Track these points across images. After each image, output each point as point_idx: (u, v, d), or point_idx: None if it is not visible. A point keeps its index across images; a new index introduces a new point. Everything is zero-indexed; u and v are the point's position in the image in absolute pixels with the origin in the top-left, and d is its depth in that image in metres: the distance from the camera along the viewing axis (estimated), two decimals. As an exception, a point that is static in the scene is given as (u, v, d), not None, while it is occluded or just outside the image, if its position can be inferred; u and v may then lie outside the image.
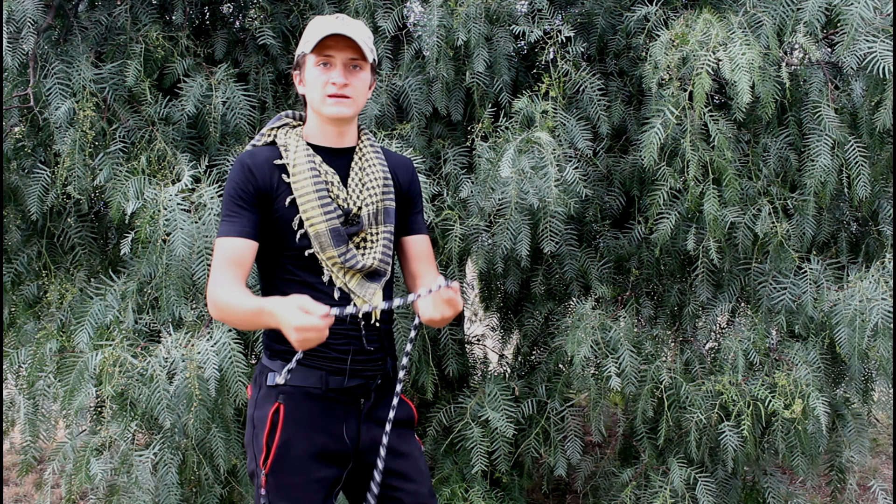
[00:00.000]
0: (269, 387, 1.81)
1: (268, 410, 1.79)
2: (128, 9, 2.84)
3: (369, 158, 1.87)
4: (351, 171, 1.84)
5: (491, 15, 2.82)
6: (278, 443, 1.77)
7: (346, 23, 1.77)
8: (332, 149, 1.85)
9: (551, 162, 2.54)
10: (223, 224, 1.75)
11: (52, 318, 2.81)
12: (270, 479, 1.77)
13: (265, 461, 1.77)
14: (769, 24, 2.59)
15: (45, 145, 2.95)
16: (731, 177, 2.63)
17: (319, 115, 1.81)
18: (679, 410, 2.76)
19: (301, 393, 1.80)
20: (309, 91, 1.80)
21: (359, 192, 1.83)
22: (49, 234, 2.96)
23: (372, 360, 1.86)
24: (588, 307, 2.77)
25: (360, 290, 1.81)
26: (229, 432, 2.73)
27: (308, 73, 1.79)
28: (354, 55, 1.76)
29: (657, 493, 2.81)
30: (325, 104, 1.77)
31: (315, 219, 1.77)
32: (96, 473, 2.59)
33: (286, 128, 1.87)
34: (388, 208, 1.86)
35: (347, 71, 1.77)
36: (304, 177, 1.78)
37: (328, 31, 1.73)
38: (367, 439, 1.85)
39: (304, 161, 1.79)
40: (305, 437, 1.78)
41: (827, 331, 2.72)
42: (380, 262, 1.83)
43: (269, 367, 1.84)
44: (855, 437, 2.94)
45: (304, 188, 1.77)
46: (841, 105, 2.73)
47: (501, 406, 2.77)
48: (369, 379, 1.86)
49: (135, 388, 2.43)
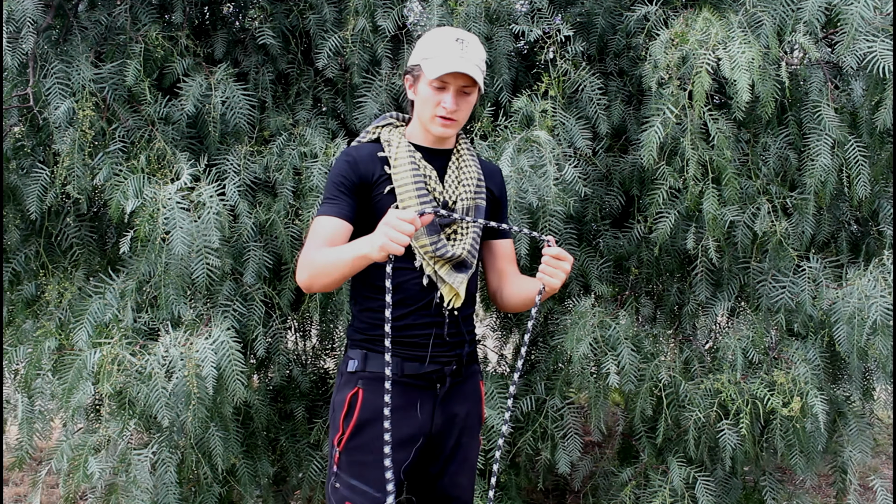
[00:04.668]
0: (350, 373, 1.93)
1: (346, 394, 1.91)
2: (127, 9, 2.84)
3: (466, 160, 1.99)
4: (448, 169, 1.96)
5: (491, 14, 2.82)
6: (355, 423, 1.88)
7: (467, 52, 1.86)
8: (432, 149, 1.96)
9: (550, 161, 2.54)
10: (323, 205, 1.87)
11: (51, 316, 2.81)
12: (343, 457, 1.89)
13: (339, 440, 1.89)
14: (769, 24, 2.59)
15: (44, 145, 2.96)
16: (731, 176, 2.63)
17: (425, 128, 1.92)
18: (678, 409, 2.76)
19: (379, 378, 1.89)
20: (420, 106, 1.91)
21: (454, 188, 1.94)
22: (47, 234, 2.96)
23: (449, 346, 1.95)
24: (587, 306, 2.77)
25: (449, 278, 1.90)
26: (228, 431, 2.73)
27: (422, 89, 1.89)
28: (468, 83, 1.86)
29: (656, 492, 2.81)
30: (434, 123, 1.89)
31: (411, 208, 1.86)
32: (95, 472, 2.59)
33: (390, 126, 1.99)
34: (480, 206, 1.96)
35: (459, 96, 1.87)
36: (404, 169, 1.89)
37: (451, 67, 1.82)
38: (440, 423, 1.94)
39: (405, 154, 1.91)
40: (381, 419, 1.85)
41: (826, 329, 2.72)
42: (468, 254, 1.92)
43: (350, 356, 1.95)
44: (856, 437, 2.93)
45: (404, 179, 1.88)
46: (841, 105, 2.73)
47: (498, 404, 2.77)
48: (445, 364, 1.94)
49: (133, 387, 2.43)
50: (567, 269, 1.82)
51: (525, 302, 1.97)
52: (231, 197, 2.65)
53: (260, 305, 2.76)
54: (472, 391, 2.03)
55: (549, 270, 1.83)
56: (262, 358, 2.96)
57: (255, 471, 2.95)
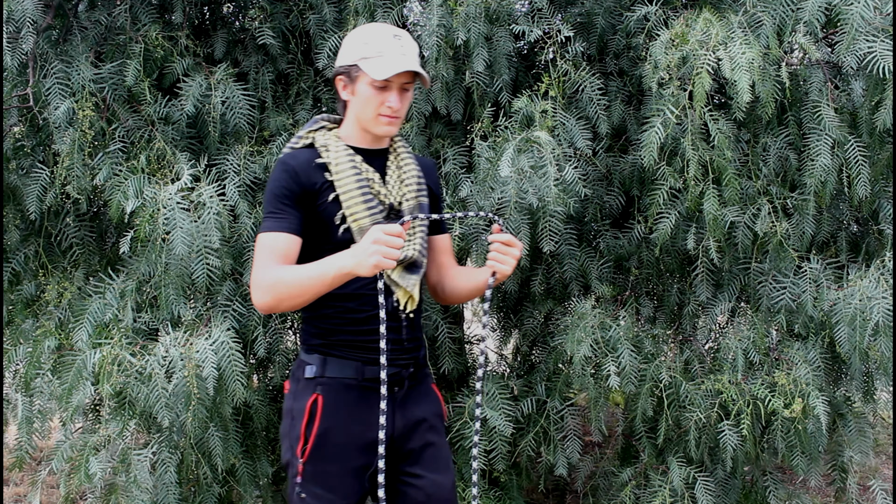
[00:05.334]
0: (307, 379, 1.89)
1: (306, 401, 1.87)
2: (127, 9, 2.84)
3: (404, 158, 1.97)
4: (388, 169, 1.94)
5: (491, 14, 2.82)
6: (317, 432, 1.84)
7: (406, 48, 1.84)
8: (368, 150, 1.93)
9: (550, 161, 2.54)
10: (267, 221, 1.82)
11: (51, 316, 2.81)
12: (307, 468, 1.85)
13: (303, 450, 1.84)
14: (769, 24, 2.59)
15: (44, 145, 2.95)
16: (731, 176, 2.63)
17: (366, 129, 1.90)
18: (679, 410, 2.76)
19: (338, 384, 1.88)
20: (360, 107, 1.87)
21: (398, 189, 1.93)
22: (47, 234, 2.96)
23: (406, 351, 1.94)
24: (588, 306, 2.77)
25: (402, 281, 1.89)
26: (227, 431, 2.73)
27: (362, 90, 1.85)
28: (409, 80, 1.85)
29: (656, 492, 2.81)
30: (379, 123, 1.87)
31: (359, 214, 1.85)
32: (95, 472, 2.59)
33: (323, 130, 1.94)
34: (423, 204, 1.96)
35: (400, 93, 1.86)
36: (346, 175, 1.86)
37: (399, 67, 1.80)
38: (401, 426, 1.92)
39: (345, 159, 1.87)
40: (343, 426, 1.85)
41: (827, 330, 2.71)
42: (419, 254, 1.91)
43: (307, 361, 1.92)
44: (856, 437, 2.93)
45: (347, 185, 1.85)
46: (841, 105, 2.73)
47: (500, 405, 2.77)
48: (403, 368, 1.93)
49: (133, 387, 2.43)
50: (517, 255, 1.80)
51: (472, 291, 1.95)
52: (231, 197, 2.65)
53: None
54: (428, 392, 2.02)
55: (500, 257, 1.80)
56: (262, 358, 2.95)
57: (255, 471, 2.95)
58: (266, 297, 1.75)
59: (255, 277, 1.77)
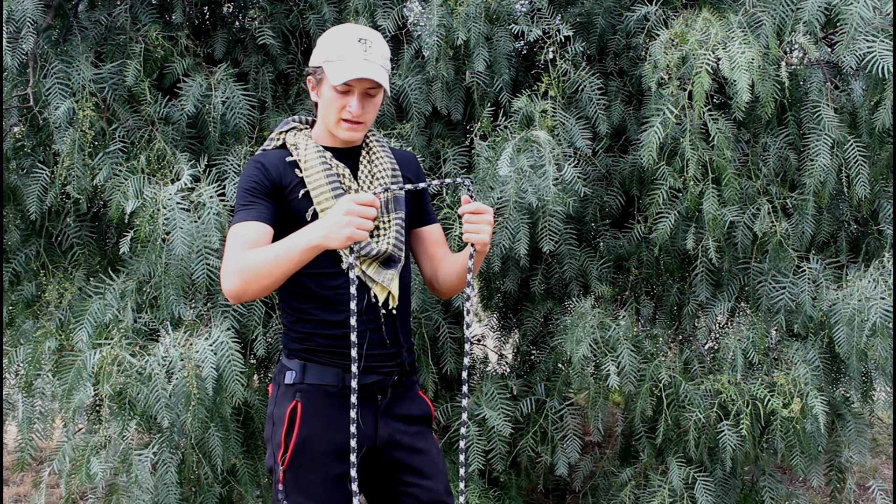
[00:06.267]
0: (287, 385, 1.85)
1: (286, 408, 1.83)
2: (127, 9, 2.84)
3: (376, 152, 1.93)
4: (360, 164, 1.90)
5: (491, 15, 2.82)
6: (296, 440, 1.81)
7: (370, 53, 1.79)
8: (340, 149, 1.90)
9: (550, 161, 2.54)
10: (238, 213, 1.78)
11: (51, 317, 2.81)
12: (288, 475, 1.81)
13: (283, 457, 1.81)
14: (769, 24, 2.59)
15: (44, 145, 2.96)
16: (731, 176, 2.63)
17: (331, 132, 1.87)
18: (678, 409, 2.76)
19: (318, 391, 1.84)
20: (324, 109, 1.84)
21: (369, 183, 1.88)
22: (47, 234, 2.96)
23: (388, 356, 1.88)
24: (587, 306, 2.77)
25: (378, 277, 1.84)
26: (228, 431, 2.74)
27: (325, 92, 1.82)
28: (373, 86, 1.80)
29: (656, 492, 2.81)
30: (340, 128, 1.83)
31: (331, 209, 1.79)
32: (96, 473, 2.59)
33: (294, 131, 1.92)
34: (398, 196, 1.90)
35: (364, 99, 1.81)
36: (316, 170, 1.83)
37: (355, 73, 1.75)
38: (385, 435, 1.88)
39: (314, 156, 1.84)
40: (323, 434, 1.81)
41: (826, 330, 2.72)
42: (393, 248, 1.86)
43: (288, 366, 1.88)
44: (855, 437, 2.93)
45: (317, 180, 1.82)
46: (840, 105, 2.73)
47: (499, 405, 2.77)
48: (386, 375, 1.88)
49: (133, 387, 2.43)
50: (489, 220, 1.74)
51: (461, 273, 1.88)
52: (231, 197, 2.65)
53: (260, 305, 2.76)
54: (415, 398, 1.96)
55: (472, 227, 1.73)
56: (261, 358, 2.96)
57: (255, 471, 2.95)
58: (234, 281, 1.68)
59: (223, 266, 1.72)
